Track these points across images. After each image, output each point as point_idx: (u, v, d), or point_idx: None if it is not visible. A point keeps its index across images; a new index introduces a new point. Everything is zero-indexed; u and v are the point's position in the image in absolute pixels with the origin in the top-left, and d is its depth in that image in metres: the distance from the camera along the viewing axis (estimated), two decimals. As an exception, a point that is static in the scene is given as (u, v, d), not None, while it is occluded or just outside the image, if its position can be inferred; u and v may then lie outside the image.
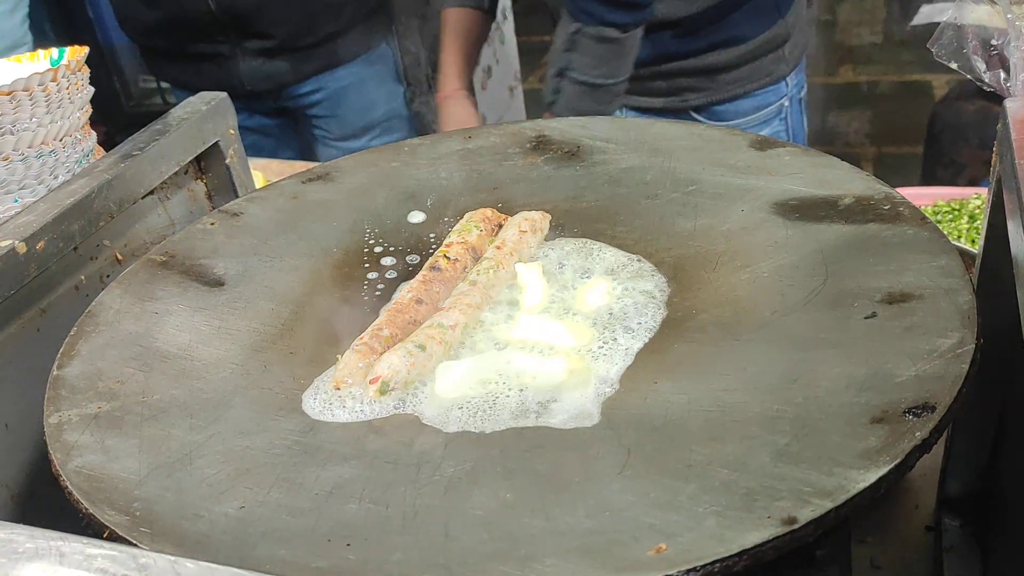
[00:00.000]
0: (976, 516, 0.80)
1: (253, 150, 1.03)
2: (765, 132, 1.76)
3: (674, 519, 0.50)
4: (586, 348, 0.70)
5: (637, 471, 0.55)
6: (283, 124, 2.09)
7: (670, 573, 0.45)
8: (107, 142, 1.05)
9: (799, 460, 0.53)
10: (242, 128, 1.06)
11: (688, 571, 0.45)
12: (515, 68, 3.29)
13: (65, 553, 0.45)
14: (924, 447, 0.51)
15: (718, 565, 0.46)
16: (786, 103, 1.78)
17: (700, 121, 1.72)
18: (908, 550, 0.83)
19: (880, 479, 0.49)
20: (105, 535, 0.53)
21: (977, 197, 1.36)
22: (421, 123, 2.74)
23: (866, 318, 0.64)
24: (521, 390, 0.66)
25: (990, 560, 0.77)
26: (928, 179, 2.57)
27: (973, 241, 1.28)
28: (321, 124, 2.06)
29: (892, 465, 0.50)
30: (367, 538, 0.52)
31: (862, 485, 0.49)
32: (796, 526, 0.47)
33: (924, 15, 2.74)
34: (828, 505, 0.48)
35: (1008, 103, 0.74)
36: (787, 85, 1.77)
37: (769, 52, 1.71)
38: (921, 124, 2.63)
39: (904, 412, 0.54)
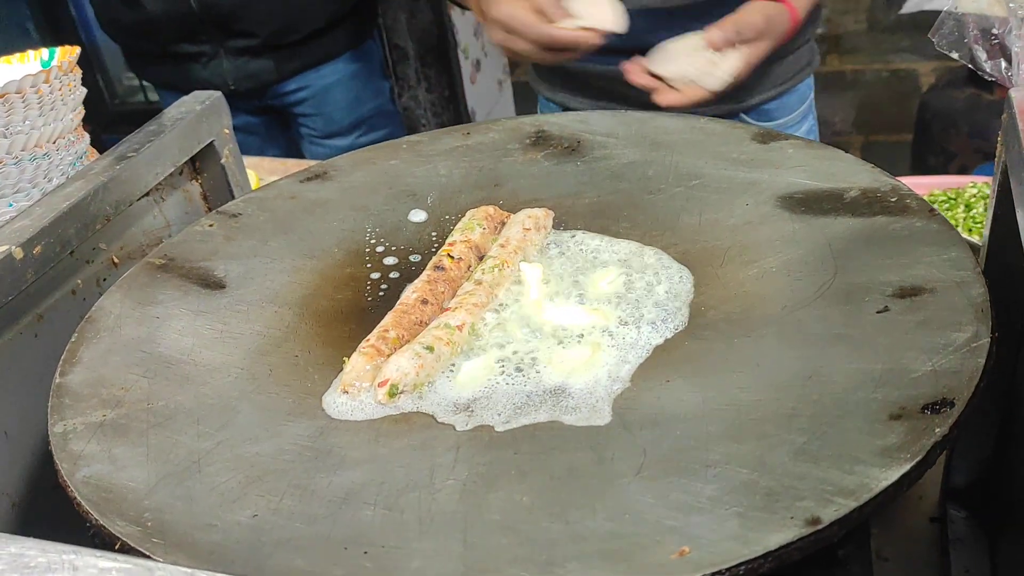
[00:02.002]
0: (982, 506, 0.80)
1: (239, 149, 1.03)
2: (803, 128, 1.59)
3: (695, 521, 0.49)
4: (604, 329, 0.70)
5: (654, 472, 0.55)
6: (269, 122, 2.08)
7: (696, 576, 0.45)
8: (92, 141, 1.04)
9: (819, 459, 0.52)
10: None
11: (713, 575, 0.45)
12: (504, 61, 3.27)
13: (78, 567, 0.44)
14: (944, 443, 0.51)
15: (743, 568, 0.45)
16: (811, 95, 1.62)
17: (749, 123, 1.52)
18: (914, 542, 0.83)
19: (902, 476, 0.49)
20: (116, 547, 0.53)
21: (973, 186, 1.36)
22: (409, 118, 2.73)
23: (878, 312, 0.64)
24: (538, 372, 0.67)
25: (997, 550, 0.77)
26: (918, 167, 2.57)
27: (970, 230, 1.28)
28: (307, 122, 2.05)
29: (914, 462, 0.50)
30: (384, 545, 0.52)
31: (885, 483, 0.49)
32: (820, 526, 0.47)
33: (912, 3, 2.74)
34: (852, 504, 0.48)
35: (1013, 93, 0.73)
36: (813, 76, 1.62)
37: (810, 38, 1.55)
38: (908, 112, 2.64)
39: (923, 408, 0.54)
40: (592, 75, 1.42)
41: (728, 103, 1.47)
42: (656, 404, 0.62)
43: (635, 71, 1.23)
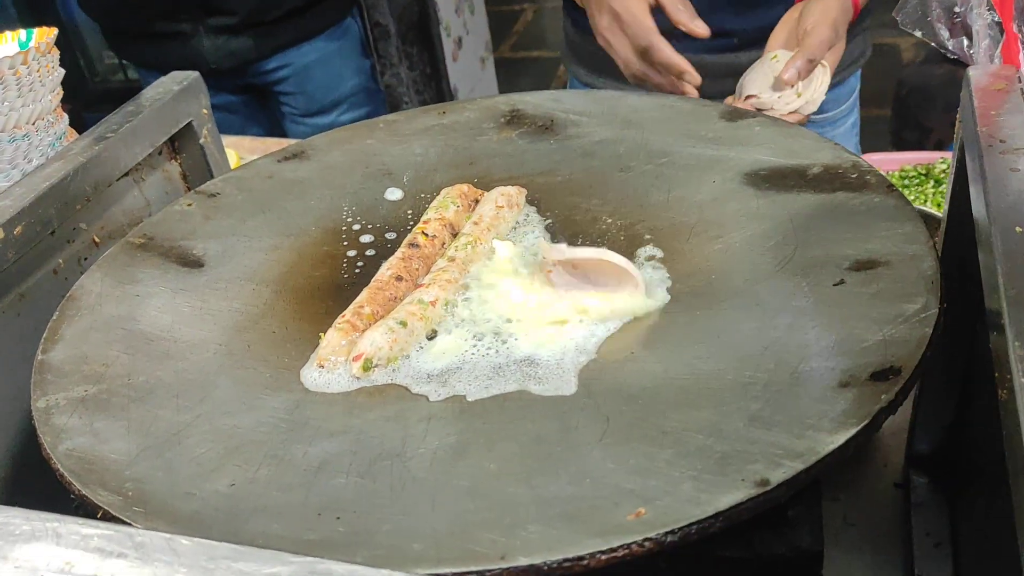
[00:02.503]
0: (943, 473, 0.83)
1: (220, 128, 1.03)
2: (850, 121, 1.50)
3: (652, 484, 0.52)
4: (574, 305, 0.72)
5: (616, 439, 0.57)
6: (249, 101, 2.07)
7: (649, 536, 0.47)
8: (73, 119, 1.05)
9: (771, 424, 0.55)
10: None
11: (666, 534, 0.47)
12: (486, 38, 3.27)
13: (61, 534, 0.46)
14: (890, 409, 0.54)
15: (695, 527, 0.48)
16: (858, 87, 1.51)
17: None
18: (879, 506, 0.85)
19: (848, 440, 0.51)
20: (99, 516, 0.55)
21: (943, 162, 1.39)
22: (391, 96, 2.73)
23: (835, 285, 0.67)
24: (507, 344, 0.69)
25: (957, 514, 0.80)
26: (896, 143, 2.60)
27: (939, 205, 1.31)
28: (288, 101, 2.05)
29: (859, 427, 0.52)
30: (356, 511, 0.54)
31: (831, 447, 0.51)
32: (769, 488, 0.49)
33: (891, -21, 2.75)
34: (799, 467, 0.50)
35: (971, 71, 0.76)
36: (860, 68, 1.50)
37: (867, 27, 1.43)
38: (889, 88, 2.65)
39: (871, 376, 0.56)
40: None
41: None
42: (620, 375, 0.64)
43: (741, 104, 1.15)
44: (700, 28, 1.11)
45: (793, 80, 1.10)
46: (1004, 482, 0.60)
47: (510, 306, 0.74)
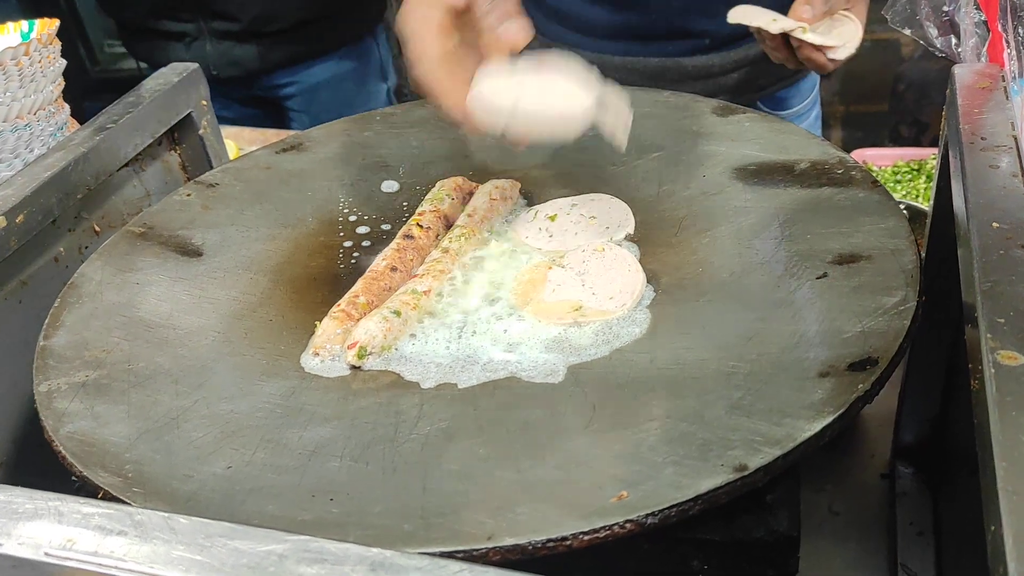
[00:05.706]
0: (927, 463, 0.84)
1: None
2: (813, 115, 1.51)
3: (635, 469, 0.53)
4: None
5: (602, 425, 0.59)
6: (263, 116, 1.98)
7: (631, 518, 0.49)
8: (74, 109, 1.06)
9: (751, 412, 0.56)
10: (219, 117, 1.07)
11: (647, 516, 0.49)
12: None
13: (63, 512, 0.47)
14: (867, 398, 0.55)
15: (675, 510, 0.49)
16: (819, 80, 1.50)
17: (762, 110, 1.36)
18: (864, 496, 0.87)
19: (824, 428, 0.53)
20: (99, 496, 0.56)
21: (935, 158, 1.40)
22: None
23: (818, 278, 0.68)
24: (498, 334, 0.71)
25: (939, 504, 0.81)
26: (893, 137, 2.61)
27: (930, 200, 1.32)
28: (297, 118, 1.97)
29: (836, 415, 0.54)
30: (349, 493, 0.56)
31: (808, 434, 0.53)
32: (746, 473, 0.51)
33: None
34: (776, 453, 0.52)
35: (956, 69, 0.77)
36: None
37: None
38: (889, 82, 2.66)
39: (849, 366, 0.58)
40: (609, 67, 1.24)
41: (749, 92, 1.38)
42: (607, 364, 0.66)
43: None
44: None
45: (807, 19, 1.05)
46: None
47: (503, 297, 0.75)
